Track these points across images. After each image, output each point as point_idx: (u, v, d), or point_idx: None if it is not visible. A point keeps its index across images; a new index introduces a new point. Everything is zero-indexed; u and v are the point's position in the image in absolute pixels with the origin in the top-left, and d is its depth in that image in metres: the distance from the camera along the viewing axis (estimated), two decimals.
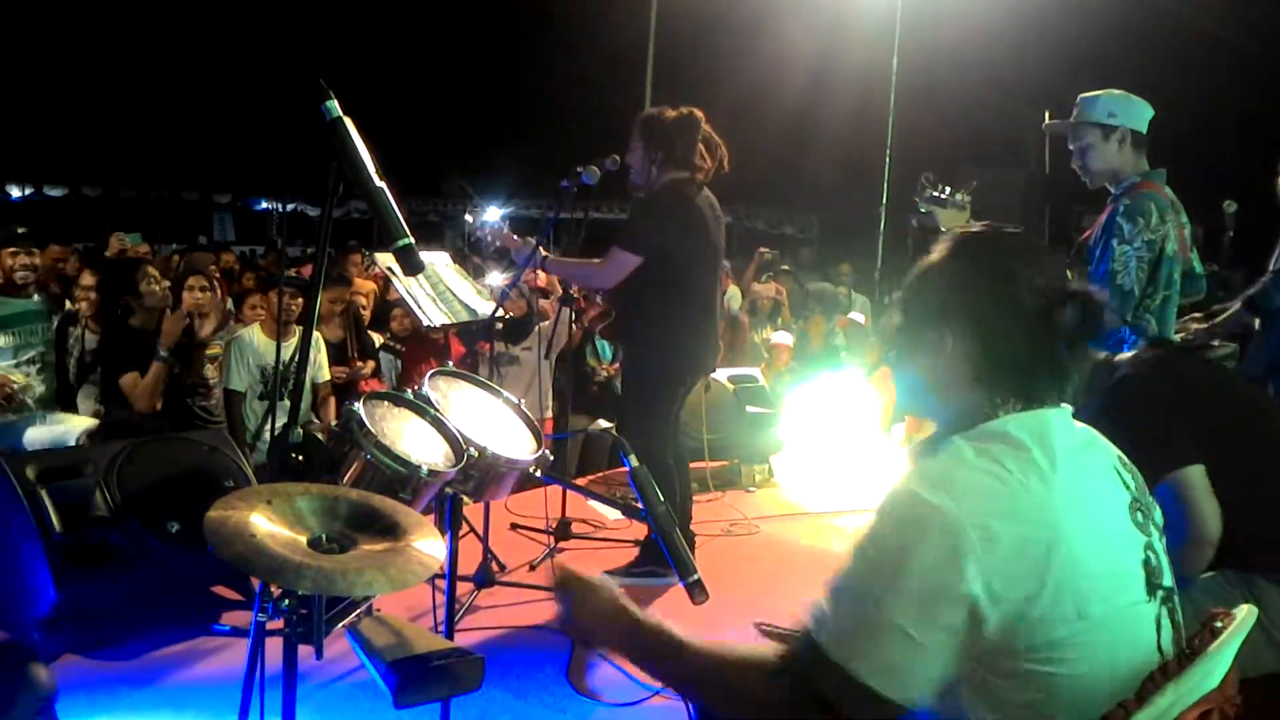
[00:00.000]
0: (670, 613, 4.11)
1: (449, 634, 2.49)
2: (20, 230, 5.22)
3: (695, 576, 2.02)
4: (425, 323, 4.23)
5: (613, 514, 5.14)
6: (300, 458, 1.77)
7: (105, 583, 3.43)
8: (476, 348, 4.96)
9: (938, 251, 1.57)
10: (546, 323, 5.99)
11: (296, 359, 5.22)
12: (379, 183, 1.86)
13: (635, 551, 4.53)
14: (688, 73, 14.89)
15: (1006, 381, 1.49)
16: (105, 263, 6.44)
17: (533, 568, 4.38)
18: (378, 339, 6.51)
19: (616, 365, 6.92)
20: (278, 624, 1.87)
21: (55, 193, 22.20)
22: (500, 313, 4.40)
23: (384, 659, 1.69)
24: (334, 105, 1.89)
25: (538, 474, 2.30)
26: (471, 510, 3.51)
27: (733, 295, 8.35)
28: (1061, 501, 1.41)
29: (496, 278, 6.05)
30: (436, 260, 4.54)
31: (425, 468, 1.95)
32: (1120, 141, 3.64)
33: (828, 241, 14.34)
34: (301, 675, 1.86)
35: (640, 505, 2.03)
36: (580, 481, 5.72)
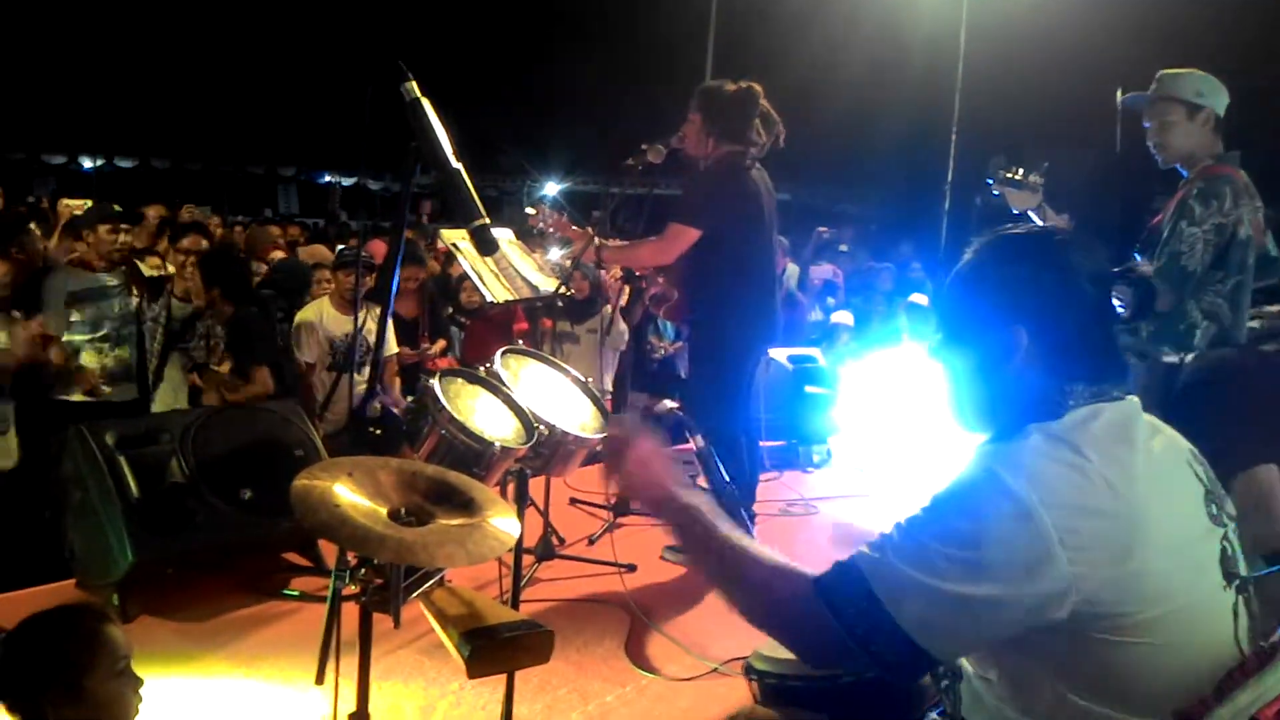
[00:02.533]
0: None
1: (515, 605, 2.54)
2: (116, 208, 5.37)
3: None
4: (488, 299, 4.27)
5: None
6: (378, 431, 1.82)
7: (180, 546, 3.55)
8: (540, 324, 5.00)
9: (981, 255, 1.57)
10: (608, 306, 6.03)
11: (365, 333, 5.36)
12: (456, 163, 1.88)
13: None
14: (749, 47, 14.73)
15: (1078, 369, 1.49)
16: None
17: (591, 542, 4.42)
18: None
19: (678, 344, 6.94)
20: (351, 590, 1.92)
21: (126, 164, 22.76)
22: (563, 291, 4.42)
23: (457, 629, 1.73)
24: (413, 86, 1.91)
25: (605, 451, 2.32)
26: (532, 484, 3.56)
27: (790, 273, 8.30)
28: (1142, 491, 1.41)
29: (555, 253, 6.09)
30: (500, 237, 4.57)
31: (498, 444, 1.99)
32: (1204, 123, 3.59)
33: (888, 220, 14.14)
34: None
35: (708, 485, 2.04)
36: None
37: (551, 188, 24.45)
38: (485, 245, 1.96)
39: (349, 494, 1.62)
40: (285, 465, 3.86)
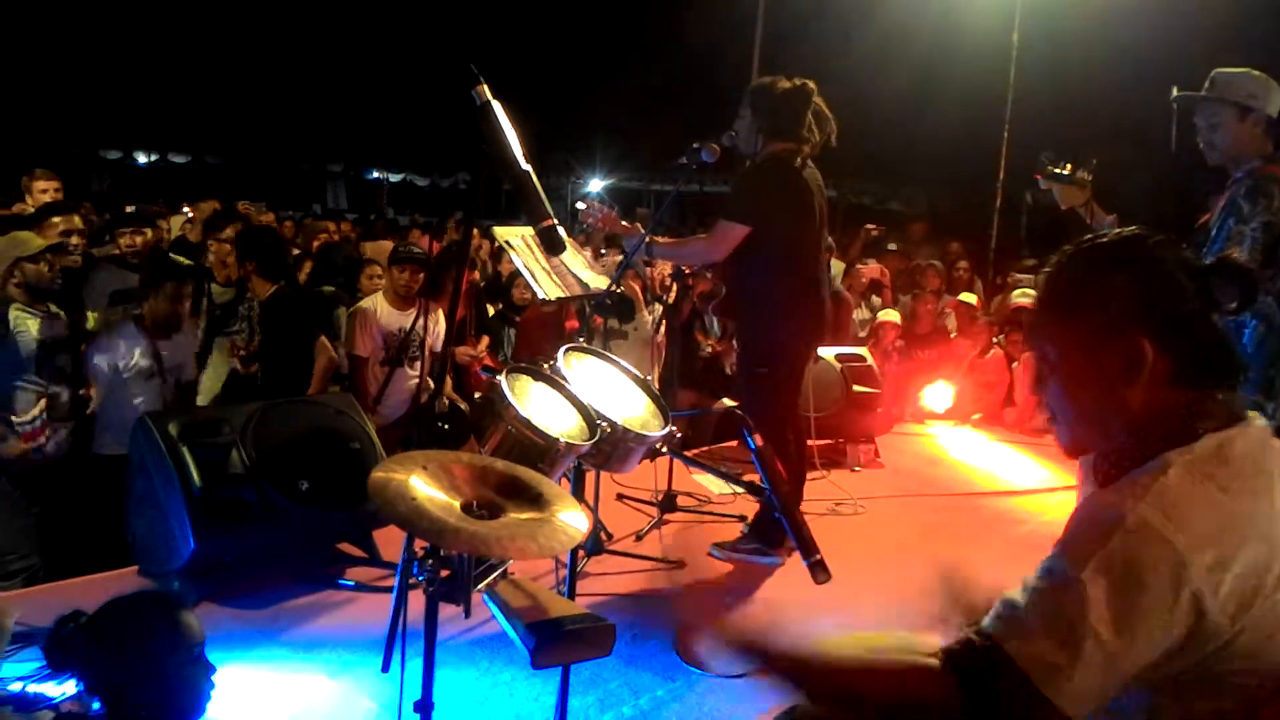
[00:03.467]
0: (780, 590, 4.15)
1: (570, 599, 2.57)
2: (130, 209, 5.50)
3: (818, 556, 2.04)
4: (540, 296, 4.31)
5: (719, 488, 5.18)
6: (446, 426, 1.85)
7: (240, 536, 3.62)
8: (590, 321, 5.02)
9: (1074, 271, 1.49)
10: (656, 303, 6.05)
11: (418, 328, 5.44)
12: (525, 165, 1.91)
13: (739, 527, 4.57)
14: (796, 43, 14.64)
15: (1204, 374, 1.43)
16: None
17: (639, 538, 4.44)
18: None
19: (724, 342, 6.94)
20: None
21: (179, 159, 23.21)
22: (615, 289, 4.45)
23: (521, 621, 1.76)
24: (484, 90, 1.94)
25: (663, 450, 2.35)
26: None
27: (836, 271, 8.26)
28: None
29: (603, 250, 6.11)
30: None
31: (563, 440, 2.02)
32: (1255, 124, 3.63)
33: (936, 218, 13.98)
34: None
35: (764, 484, 2.06)
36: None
37: (596, 184, 24.57)
38: (553, 246, 1.99)
39: (425, 487, 1.66)
40: (341, 457, 3.94)
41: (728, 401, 2.09)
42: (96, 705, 1.98)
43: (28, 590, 3.89)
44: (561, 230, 4.63)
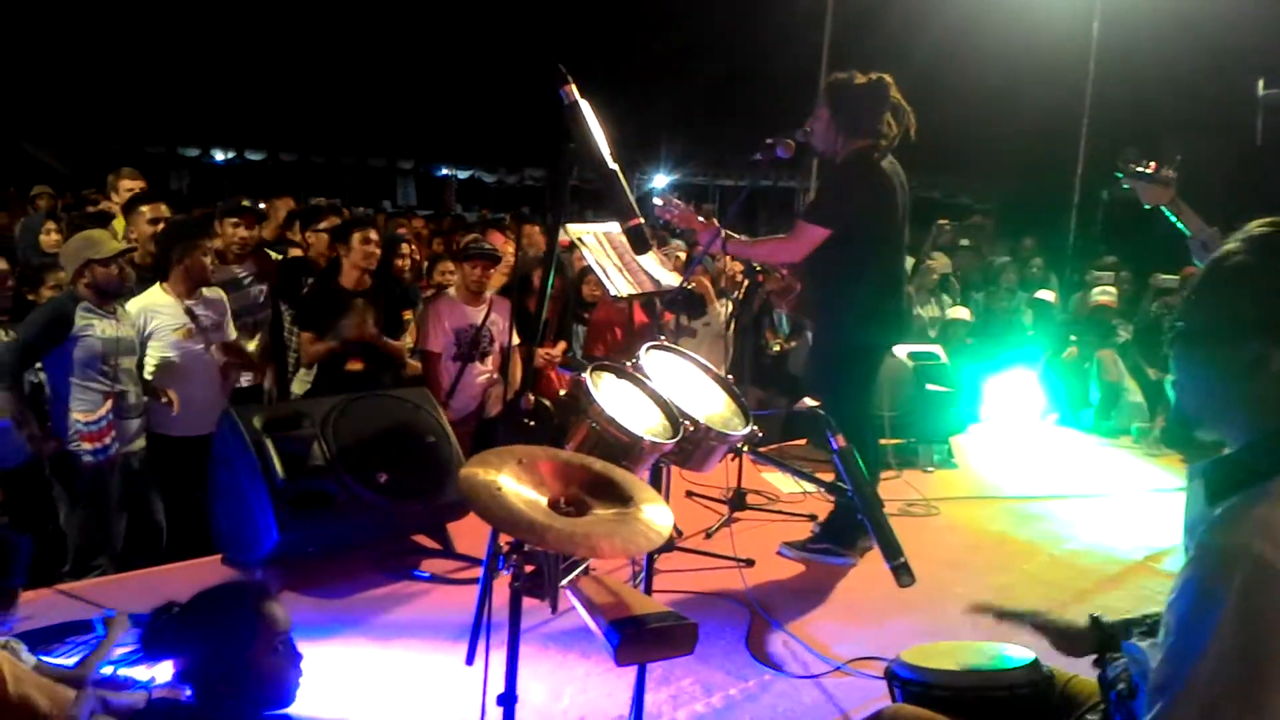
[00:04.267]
0: (852, 591, 4.10)
1: (647, 594, 2.57)
2: (244, 203, 5.61)
3: (902, 559, 2.02)
4: (612, 292, 4.32)
5: (788, 486, 5.14)
6: (532, 423, 1.87)
7: (320, 527, 3.71)
8: (660, 318, 5.03)
9: (1241, 253, 1.38)
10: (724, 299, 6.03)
11: (489, 324, 5.49)
12: (612, 164, 1.92)
13: (809, 525, 4.54)
14: (867, 34, 14.42)
15: None
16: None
17: (709, 535, 4.44)
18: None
19: (792, 342, 6.89)
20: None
21: (255, 157, 23.78)
22: (688, 286, 4.44)
23: (605, 617, 1.77)
24: (572, 89, 1.95)
25: (743, 449, 2.34)
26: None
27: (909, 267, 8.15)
28: None
29: (671, 247, 6.09)
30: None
31: (647, 439, 2.02)
32: None
33: (1010, 213, 13.67)
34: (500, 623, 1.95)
35: (846, 486, 2.04)
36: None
37: (660, 180, 24.56)
38: (639, 244, 2.00)
39: (513, 484, 1.67)
40: (418, 451, 4.00)
41: (809, 401, 2.07)
42: (188, 692, 2.03)
43: (119, 576, 4.02)
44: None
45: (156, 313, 4.54)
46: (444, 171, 26.55)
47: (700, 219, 4.23)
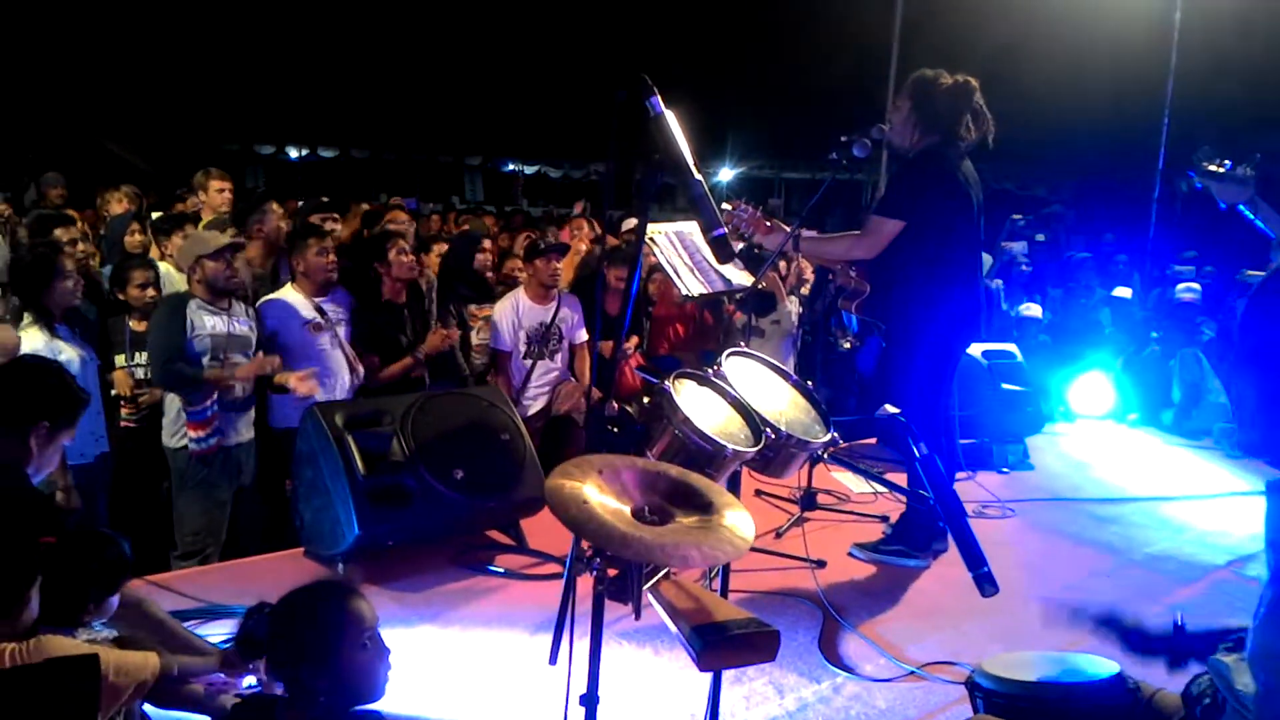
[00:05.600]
0: (925, 594, 4.05)
1: (723, 596, 2.59)
2: (324, 199, 5.74)
3: (986, 569, 2.00)
4: (684, 293, 4.33)
5: (859, 487, 5.11)
6: (615, 430, 1.90)
7: (399, 522, 3.79)
8: (728, 316, 5.02)
9: None
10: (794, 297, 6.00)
11: (558, 321, 5.55)
12: (697, 175, 1.93)
13: (880, 527, 4.50)
14: (938, 20, 14.15)
15: None
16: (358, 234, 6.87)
17: (779, 535, 4.43)
18: None
19: (860, 340, 6.84)
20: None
21: (328, 154, 24.25)
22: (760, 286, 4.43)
23: (687, 623, 1.79)
24: (658, 100, 1.97)
25: (824, 456, 2.34)
26: None
27: (985, 263, 8.00)
28: None
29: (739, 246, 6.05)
30: (695, 230, 4.63)
31: (730, 447, 2.04)
32: None
33: (1087, 207, 13.33)
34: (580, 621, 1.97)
35: (929, 493, 2.03)
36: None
37: (725, 173, 24.46)
38: (724, 254, 2.01)
39: (597, 493, 1.70)
40: (493, 448, 4.07)
41: (890, 408, 2.06)
42: (280, 688, 2.10)
43: (208, 567, 4.17)
44: (695, 224, 4.68)
45: (286, 309, 4.71)
46: (510, 167, 26.81)
47: (768, 222, 4.22)
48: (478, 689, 3.10)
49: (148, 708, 2.47)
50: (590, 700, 1.96)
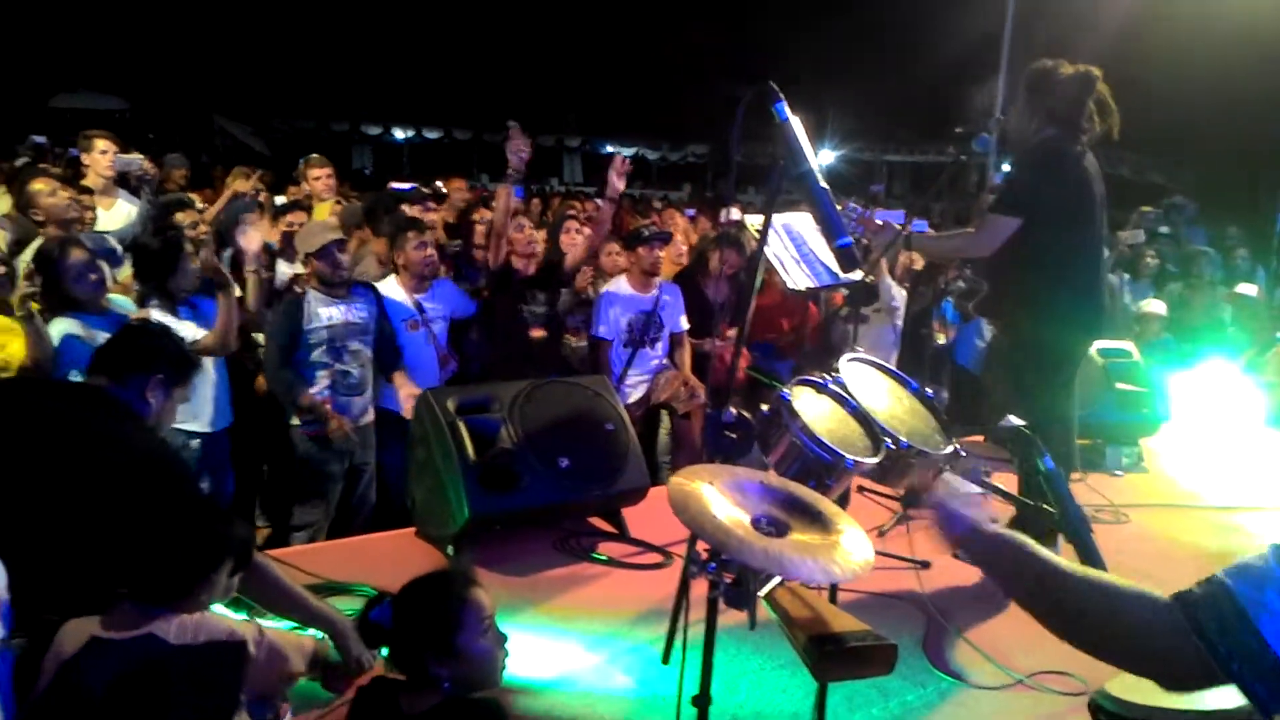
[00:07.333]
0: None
1: (832, 600, 2.58)
2: (427, 190, 5.87)
3: None
4: (790, 285, 4.30)
5: (964, 487, 5.00)
6: (734, 436, 1.91)
7: (508, 506, 3.86)
8: (830, 302, 4.95)
9: None
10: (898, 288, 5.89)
11: (659, 309, 5.57)
12: (822, 184, 1.91)
13: None
14: (1053, 4, 13.64)
15: None
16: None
17: (881, 534, 4.37)
18: None
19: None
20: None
21: (432, 135, 24.72)
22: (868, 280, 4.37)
23: (803, 633, 1.79)
24: (784, 107, 1.95)
25: (945, 468, 2.30)
26: None
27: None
28: None
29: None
30: (801, 222, 4.58)
31: (850, 458, 2.02)
32: None
33: (1207, 198, 12.70)
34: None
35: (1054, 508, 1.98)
36: None
37: (827, 155, 24.10)
38: (848, 263, 1.99)
39: (718, 497, 1.71)
40: (598, 438, 4.12)
41: (1014, 419, 2.01)
42: (403, 676, 2.17)
43: (323, 544, 4.33)
44: (806, 216, 4.63)
45: (388, 303, 4.86)
46: (609, 149, 26.89)
47: (878, 220, 4.14)
48: (584, 678, 3.15)
49: None
50: (703, 701, 1.98)
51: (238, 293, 4.41)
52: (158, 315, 4.18)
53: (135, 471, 2.34)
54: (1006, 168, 4.06)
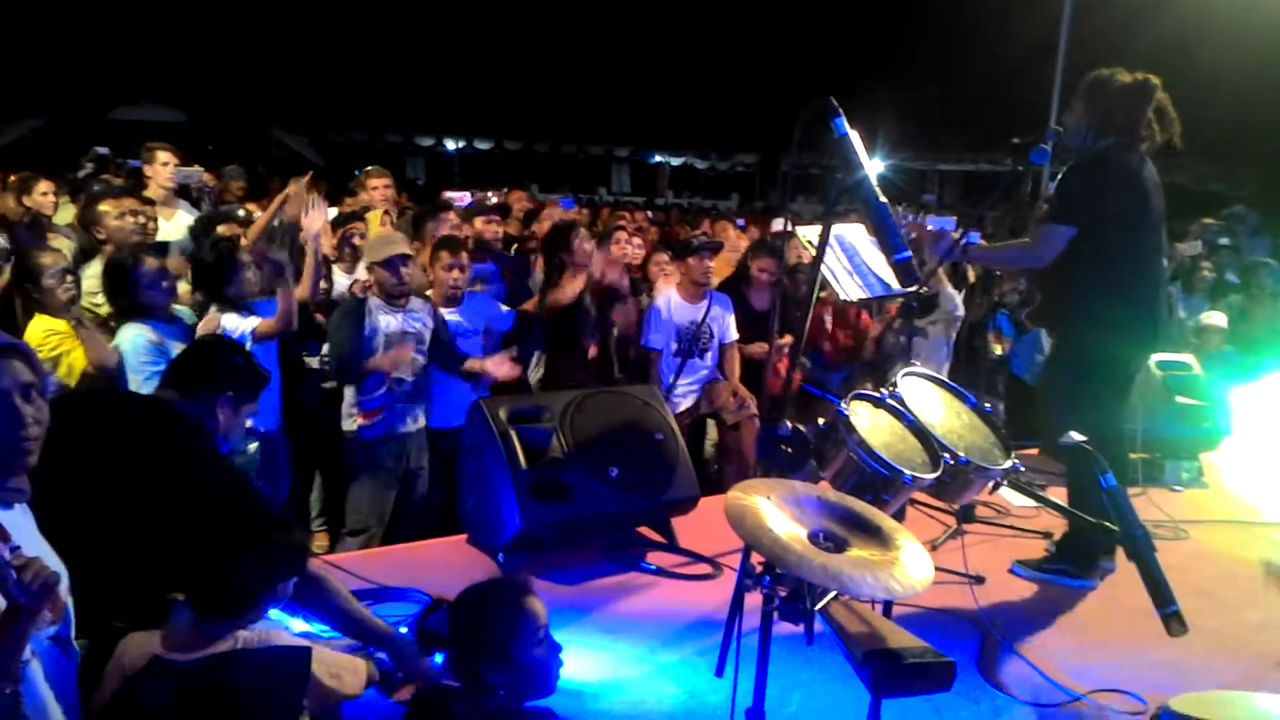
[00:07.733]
0: (1093, 617, 3.87)
1: (886, 613, 2.56)
2: (493, 201, 5.94)
3: (1175, 608, 1.91)
4: (842, 297, 4.28)
5: (1018, 500, 4.94)
6: (790, 450, 1.91)
7: (559, 515, 3.88)
8: (886, 316, 4.92)
9: None
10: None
11: (709, 319, 5.57)
12: (881, 199, 1.91)
13: (1042, 544, 4.34)
14: (1107, 8, 13.41)
15: None
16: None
17: (934, 547, 4.32)
18: None
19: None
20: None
21: (483, 146, 25.00)
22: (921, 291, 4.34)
23: (859, 648, 1.79)
24: (843, 121, 1.96)
25: (1003, 483, 2.28)
26: None
27: None
28: None
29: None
30: (854, 233, 4.56)
31: (908, 473, 2.01)
32: None
33: (1267, 205, 12.39)
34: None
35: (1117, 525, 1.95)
36: None
37: (877, 164, 23.94)
38: (907, 278, 1.98)
39: (776, 512, 1.72)
40: (648, 447, 4.13)
41: (1076, 436, 1.98)
42: (458, 684, 2.20)
43: (377, 550, 4.39)
44: (859, 227, 4.61)
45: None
46: (657, 158, 26.99)
47: (934, 230, 4.11)
48: (634, 687, 3.15)
49: None
50: (756, 714, 1.98)
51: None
52: (227, 318, 4.28)
53: (202, 485, 2.40)
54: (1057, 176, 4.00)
